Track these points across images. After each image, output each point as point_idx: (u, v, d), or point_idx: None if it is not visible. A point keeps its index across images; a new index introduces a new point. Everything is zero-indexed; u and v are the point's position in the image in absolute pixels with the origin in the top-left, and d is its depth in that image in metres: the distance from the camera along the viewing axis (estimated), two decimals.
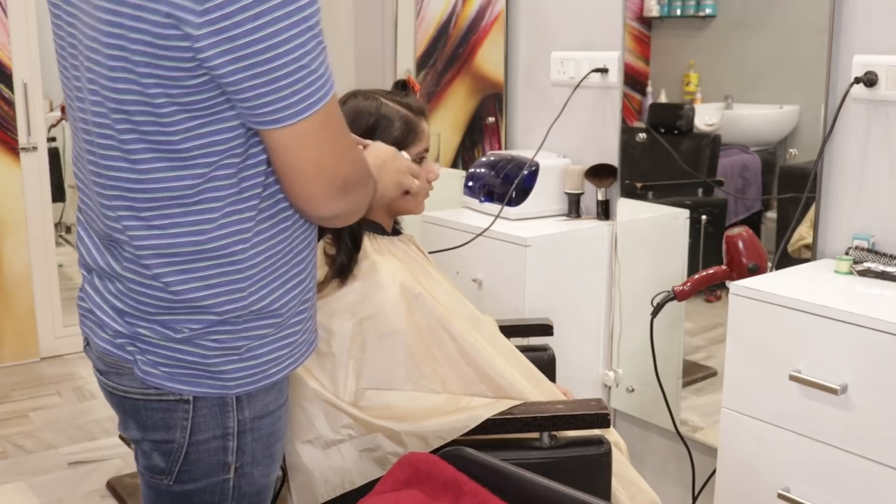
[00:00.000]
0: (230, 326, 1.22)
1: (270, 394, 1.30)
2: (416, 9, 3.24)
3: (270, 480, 1.37)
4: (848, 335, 1.64)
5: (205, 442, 1.26)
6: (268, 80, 1.08)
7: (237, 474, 1.29)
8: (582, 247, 2.50)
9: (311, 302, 1.33)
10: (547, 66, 2.71)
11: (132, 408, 1.27)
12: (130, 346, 1.23)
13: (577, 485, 1.31)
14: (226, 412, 1.25)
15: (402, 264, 1.68)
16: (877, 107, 1.91)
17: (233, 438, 1.27)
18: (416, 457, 1.42)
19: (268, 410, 1.30)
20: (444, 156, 3.19)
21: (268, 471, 1.35)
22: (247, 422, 1.27)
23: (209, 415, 1.25)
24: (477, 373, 1.66)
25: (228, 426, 1.26)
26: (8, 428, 3.23)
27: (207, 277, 1.19)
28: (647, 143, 2.52)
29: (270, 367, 1.27)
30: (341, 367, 1.57)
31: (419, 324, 1.63)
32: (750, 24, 2.33)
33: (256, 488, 1.33)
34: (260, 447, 1.31)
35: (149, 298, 1.20)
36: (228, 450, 1.27)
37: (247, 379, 1.25)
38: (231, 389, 1.24)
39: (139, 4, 1.06)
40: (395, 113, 1.67)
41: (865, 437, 1.64)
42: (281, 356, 1.28)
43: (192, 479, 1.28)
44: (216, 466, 1.28)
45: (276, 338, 1.26)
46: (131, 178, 1.16)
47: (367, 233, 1.69)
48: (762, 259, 2.03)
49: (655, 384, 2.23)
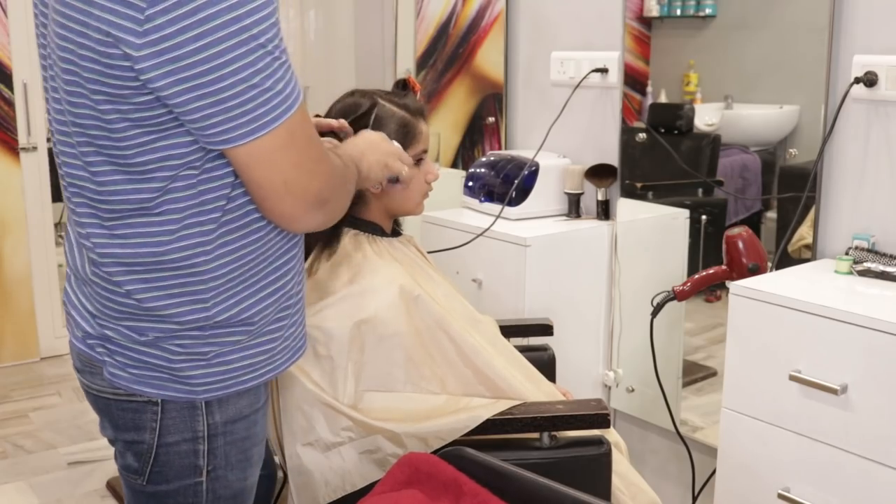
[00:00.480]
0: (197, 332, 1.21)
1: (244, 398, 1.28)
2: (416, 9, 3.24)
3: (248, 484, 1.35)
4: (848, 335, 1.64)
5: (174, 444, 1.25)
6: (215, 100, 1.05)
7: (210, 478, 1.28)
8: (582, 247, 2.49)
9: (293, 309, 1.30)
10: (547, 66, 2.71)
11: (105, 406, 1.28)
12: (100, 347, 1.23)
13: (577, 485, 1.31)
14: (195, 416, 1.24)
15: (402, 266, 1.68)
16: (877, 107, 1.91)
17: (203, 442, 1.26)
18: (416, 457, 1.42)
19: (241, 415, 1.28)
20: (444, 156, 3.19)
21: (244, 474, 1.33)
22: (218, 426, 1.26)
23: (178, 418, 1.24)
24: (476, 374, 1.65)
25: (198, 430, 1.25)
26: (8, 428, 3.23)
27: (169, 287, 1.18)
28: (647, 143, 2.52)
29: (243, 373, 1.25)
30: (340, 369, 1.57)
31: (418, 325, 1.63)
32: (750, 24, 2.33)
33: (232, 492, 1.32)
34: (234, 451, 1.29)
35: (114, 304, 1.20)
36: (199, 453, 1.26)
37: (215, 385, 1.23)
38: (198, 395, 1.23)
39: (84, 21, 1.05)
40: (391, 113, 1.66)
41: (865, 437, 1.64)
42: (256, 363, 1.26)
43: (164, 481, 1.28)
44: (187, 469, 1.27)
45: (248, 345, 1.25)
46: (92, 188, 1.16)
47: (366, 235, 1.69)
48: (762, 259, 2.03)
49: (655, 384, 2.23)
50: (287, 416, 1.57)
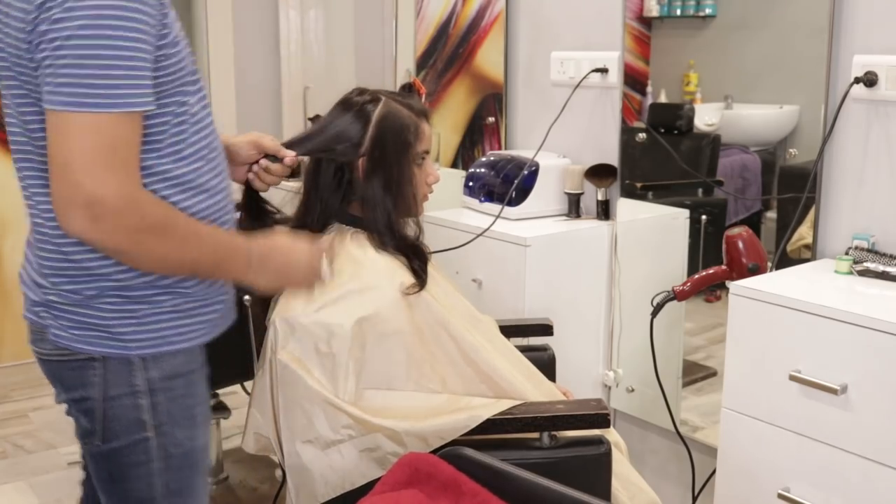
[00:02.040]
0: (127, 291, 1.32)
1: (179, 357, 1.38)
2: (416, 9, 3.24)
3: (198, 445, 1.44)
4: (848, 335, 1.64)
5: (118, 398, 1.35)
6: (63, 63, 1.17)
7: (158, 433, 1.38)
8: (582, 247, 2.49)
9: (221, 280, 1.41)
10: (547, 66, 2.71)
11: (55, 370, 1.40)
12: (45, 312, 1.36)
13: (577, 485, 1.31)
14: (132, 371, 1.35)
15: (402, 264, 1.68)
16: (877, 107, 1.91)
17: (144, 396, 1.36)
18: (416, 457, 1.42)
19: (178, 373, 1.38)
20: (444, 156, 3.19)
21: (192, 433, 1.42)
22: (155, 381, 1.36)
23: (118, 372, 1.35)
24: (477, 372, 1.66)
25: (137, 384, 1.35)
26: (8, 428, 3.23)
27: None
28: (647, 143, 2.52)
29: (172, 334, 1.36)
30: (341, 367, 1.57)
31: (419, 324, 1.63)
32: (750, 24, 2.33)
33: (184, 450, 1.41)
34: (177, 408, 1.39)
35: (54, 264, 1.32)
36: (142, 408, 1.36)
37: (146, 342, 1.34)
38: (131, 350, 1.34)
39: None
40: (396, 111, 1.67)
41: (865, 437, 1.64)
42: (186, 325, 1.37)
43: (115, 437, 1.38)
44: (134, 424, 1.37)
45: (177, 307, 1.35)
46: (29, 141, 1.29)
47: (367, 233, 1.70)
48: (762, 259, 2.03)
49: (655, 384, 2.23)
50: (287, 414, 1.58)
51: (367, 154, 1.65)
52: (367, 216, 1.68)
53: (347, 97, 1.71)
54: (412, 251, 1.69)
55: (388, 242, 1.68)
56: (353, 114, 1.66)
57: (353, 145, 1.65)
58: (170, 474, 1.41)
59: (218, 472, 2.82)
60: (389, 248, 1.68)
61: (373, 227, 1.68)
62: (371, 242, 1.68)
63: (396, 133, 1.66)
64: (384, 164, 1.65)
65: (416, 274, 1.66)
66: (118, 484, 1.43)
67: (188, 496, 1.45)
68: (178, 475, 1.43)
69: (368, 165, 1.65)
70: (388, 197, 1.66)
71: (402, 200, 1.69)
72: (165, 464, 1.40)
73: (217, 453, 2.82)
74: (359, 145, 1.65)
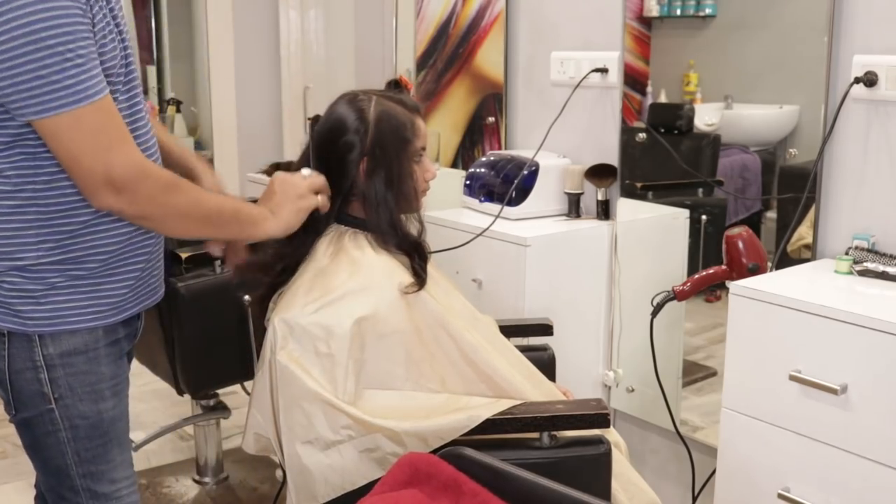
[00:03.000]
0: (24, 273, 1.43)
1: (78, 337, 1.48)
2: (416, 9, 3.24)
3: (108, 416, 1.55)
4: (848, 335, 1.64)
5: (21, 372, 1.48)
6: (11, 83, 1.31)
7: (59, 405, 1.49)
8: (582, 247, 2.49)
9: (123, 265, 1.51)
10: (547, 66, 2.71)
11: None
12: None
13: (577, 485, 1.30)
14: (31, 347, 1.47)
15: (402, 264, 1.68)
16: (877, 107, 1.91)
17: (43, 371, 1.47)
18: (416, 457, 1.41)
19: (77, 350, 1.49)
20: (444, 156, 3.19)
21: (97, 407, 1.53)
22: (53, 357, 1.47)
23: (20, 347, 1.47)
24: (476, 372, 1.65)
25: (36, 359, 1.47)
26: (8, 428, 3.21)
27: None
28: (647, 143, 2.52)
29: (69, 315, 1.47)
30: (340, 367, 1.57)
31: (418, 323, 1.63)
32: (750, 24, 2.32)
33: (90, 422, 1.52)
34: (78, 383, 1.50)
35: None
36: (42, 381, 1.48)
37: (43, 321, 1.45)
38: (29, 328, 1.45)
39: None
40: (390, 109, 1.67)
41: (865, 437, 1.64)
42: (83, 306, 1.47)
43: (24, 408, 1.51)
44: (37, 396, 1.49)
45: (76, 288, 1.46)
46: None
47: (366, 233, 1.70)
48: (762, 259, 2.03)
49: (655, 384, 2.23)
50: (286, 414, 1.57)
51: (367, 153, 1.65)
52: (370, 215, 1.68)
53: (340, 100, 1.70)
54: (415, 248, 1.69)
55: (390, 241, 1.68)
56: (353, 116, 1.66)
57: (354, 148, 1.65)
58: (79, 443, 1.53)
59: (218, 472, 2.83)
60: (391, 246, 1.68)
61: (375, 225, 1.68)
62: (370, 242, 1.68)
63: (394, 130, 1.66)
64: (385, 162, 1.65)
65: (416, 273, 1.66)
66: (36, 452, 1.57)
67: (103, 464, 1.56)
68: (87, 444, 1.54)
69: (369, 165, 1.65)
70: (390, 194, 1.67)
71: (403, 197, 1.69)
72: (72, 433, 1.52)
73: (217, 453, 2.82)
74: (359, 147, 1.65)
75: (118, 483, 1.60)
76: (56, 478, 1.57)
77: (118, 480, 1.59)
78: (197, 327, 2.31)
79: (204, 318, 2.30)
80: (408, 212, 1.73)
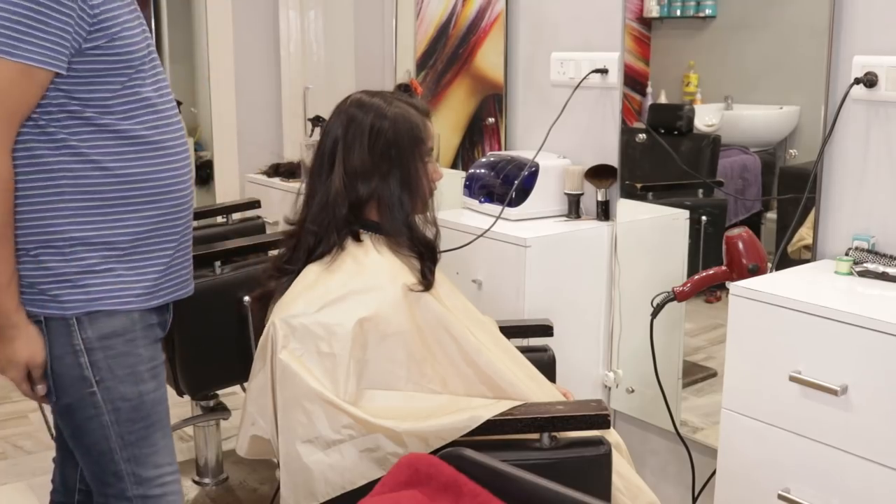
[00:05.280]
0: (59, 256, 1.44)
1: (116, 319, 1.50)
2: (416, 9, 3.24)
3: (150, 398, 1.55)
4: (848, 336, 1.64)
5: (62, 357, 1.48)
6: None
7: (101, 388, 1.50)
8: (582, 247, 2.49)
9: (158, 249, 1.53)
10: (547, 66, 2.71)
11: None
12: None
13: (578, 486, 1.30)
14: (70, 331, 1.47)
15: (404, 265, 1.68)
16: (877, 107, 1.91)
17: (83, 354, 1.48)
18: (416, 458, 1.41)
19: (115, 332, 1.50)
20: (444, 156, 3.19)
21: (137, 388, 1.54)
22: (92, 340, 1.48)
23: (59, 333, 1.48)
24: (477, 373, 1.66)
25: (76, 343, 1.48)
26: (8, 428, 3.23)
27: (26, 206, 1.43)
28: (647, 144, 2.52)
29: (107, 297, 1.48)
30: (342, 366, 1.57)
31: (420, 324, 1.63)
32: (750, 25, 2.33)
33: (133, 404, 1.54)
34: (118, 365, 1.51)
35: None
36: (83, 365, 1.49)
37: (81, 303, 1.47)
38: (67, 311, 1.47)
39: None
40: (405, 111, 1.69)
41: (865, 437, 1.64)
42: (119, 289, 1.49)
43: (65, 394, 1.51)
44: (78, 381, 1.49)
45: (112, 273, 1.48)
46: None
47: (370, 233, 1.70)
48: (762, 260, 2.03)
49: (655, 385, 2.23)
50: (287, 413, 1.57)
51: (383, 155, 1.66)
52: (385, 216, 1.69)
53: (347, 106, 1.71)
54: (427, 249, 1.70)
55: (404, 242, 1.69)
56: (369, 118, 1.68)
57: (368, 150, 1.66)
58: (122, 426, 1.54)
59: (218, 473, 2.82)
60: (405, 247, 1.69)
61: (391, 227, 1.68)
62: (373, 243, 1.68)
63: (409, 131, 1.68)
64: (400, 163, 1.67)
65: (423, 275, 1.67)
66: (79, 439, 1.56)
67: (146, 447, 1.56)
68: (130, 427, 1.53)
69: (384, 166, 1.66)
70: (405, 195, 1.68)
71: (418, 198, 1.72)
72: (115, 416, 1.52)
73: (217, 454, 2.82)
74: (374, 148, 1.66)
75: (162, 468, 1.60)
76: (99, 464, 1.56)
77: (162, 465, 1.60)
78: (197, 328, 2.31)
79: (203, 318, 2.30)
80: (421, 212, 1.75)
